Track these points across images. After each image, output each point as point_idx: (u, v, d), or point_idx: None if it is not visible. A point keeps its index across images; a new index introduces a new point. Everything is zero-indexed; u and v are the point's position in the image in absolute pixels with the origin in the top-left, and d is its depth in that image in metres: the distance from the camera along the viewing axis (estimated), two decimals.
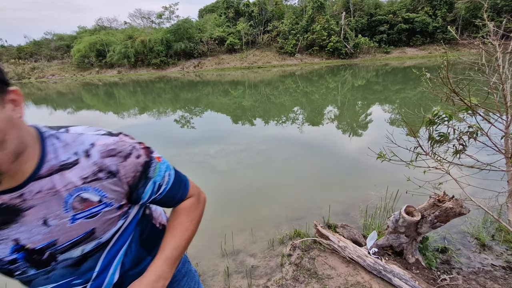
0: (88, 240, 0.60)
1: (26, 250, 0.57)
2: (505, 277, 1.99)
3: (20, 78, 34.41)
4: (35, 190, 0.54)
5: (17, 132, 0.51)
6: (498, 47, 1.83)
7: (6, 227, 0.54)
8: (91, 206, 0.58)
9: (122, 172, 0.60)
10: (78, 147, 0.58)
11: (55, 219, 0.56)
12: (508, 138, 1.81)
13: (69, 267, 0.61)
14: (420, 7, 34.40)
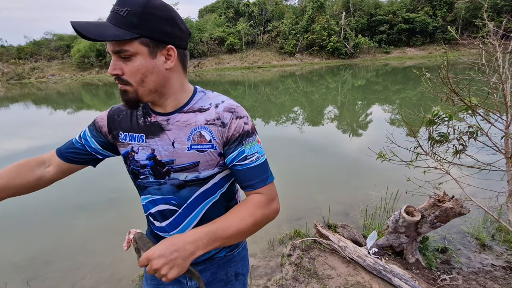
0: (192, 169, 0.77)
1: (155, 160, 0.78)
2: (505, 277, 1.99)
3: (20, 78, 34.41)
4: (176, 119, 0.76)
5: (158, 77, 0.70)
6: (498, 47, 1.83)
7: (152, 138, 0.77)
8: (204, 142, 0.76)
9: (229, 126, 0.75)
10: (215, 100, 0.79)
11: (179, 143, 0.76)
12: (508, 138, 1.81)
13: (174, 186, 0.79)
14: (420, 7, 34.40)
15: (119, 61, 0.67)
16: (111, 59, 0.68)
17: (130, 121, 0.80)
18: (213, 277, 0.91)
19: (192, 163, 0.76)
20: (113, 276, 2.39)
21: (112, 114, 0.84)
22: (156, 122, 0.77)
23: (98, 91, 21.13)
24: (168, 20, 0.67)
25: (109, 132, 0.83)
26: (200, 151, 0.76)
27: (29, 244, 3.03)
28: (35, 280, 2.41)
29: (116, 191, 4.16)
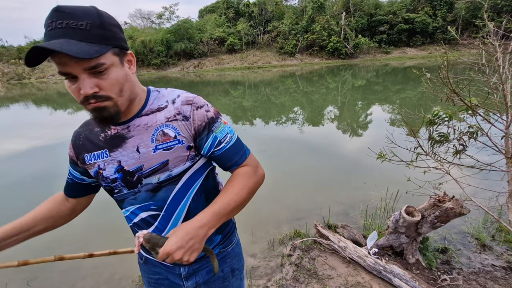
0: (163, 170, 0.76)
1: (123, 171, 0.77)
2: (506, 278, 1.99)
3: (20, 78, 34.43)
4: (136, 124, 0.75)
5: (130, 84, 0.70)
6: (498, 47, 1.83)
7: (115, 150, 0.76)
8: (168, 140, 0.75)
9: (192, 118, 0.76)
10: (170, 96, 0.79)
11: (144, 147, 0.75)
12: (508, 138, 1.81)
13: (149, 191, 0.78)
14: (420, 7, 34.40)
15: (92, 78, 0.62)
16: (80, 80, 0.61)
17: (91, 141, 0.79)
18: (209, 275, 0.93)
19: (161, 163, 0.76)
20: (113, 276, 2.39)
21: (75, 140, 0.81)
22: (117, 133, 0.76)
23: None
24: (119, 26, 0.68)
25: (77, 158, 0.82)
26: (167, 149, 0.75)
27: (29, 244, 3.02)
28: (35, 280, 2.41)
29: None
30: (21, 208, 3.86)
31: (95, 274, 2.45)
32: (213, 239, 0.90)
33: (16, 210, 3.85)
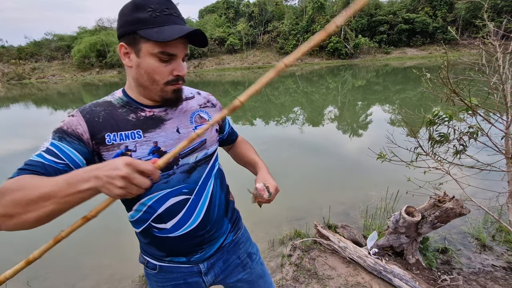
0: (201, 148, 0.83)
1: (159, 152, 0.76)
2: (506, 278, 1.99)
3: (20, 78, 34.45)
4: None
5: None
6: (498, 48, 1.83)
7: (152, 131, 0.76)
8: (204, 122, 0.85)
9: (218, 105, 0.95)
10: (191, 90, 0.92)
11: (184, 128, 0.80)
12: (508, 139, 1.81)
13: (184, 173, 0.80)
14: (420, 8, 34.41)
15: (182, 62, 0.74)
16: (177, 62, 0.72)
17: (116, 120, 0.73)
18: (226, 264, 0.95)
19: (200, 142, 0.83)
20: (113, 276, 2.39)
21: (91, 118, 0.71)
22: (153, 115, 0.77)
23: (98, 91, 21.14)
24: None
25: (92, 138, 0.70)
26: None
27: (29, 244, 3.03)
28: (35, 280, 2.41)
29: None
30: None
31: (95, 274, 2.45)
32: (223, 228, 0.92)
33: None
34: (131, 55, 0.71)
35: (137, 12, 0.66)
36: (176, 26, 0.68)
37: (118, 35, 0.72)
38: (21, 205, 0.57)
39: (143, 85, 0.73)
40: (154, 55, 0.68)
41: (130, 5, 0.67)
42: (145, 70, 0.70)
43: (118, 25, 0.71)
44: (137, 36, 0.67)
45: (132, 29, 0.67)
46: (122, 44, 0.70)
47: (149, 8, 0.66)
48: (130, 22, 0.67)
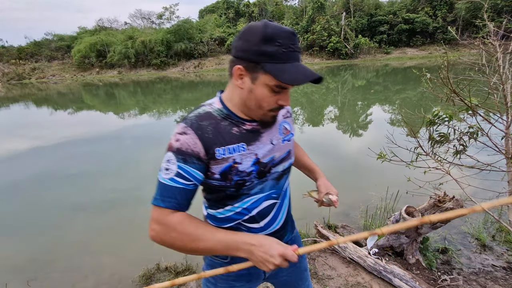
0: (287, 158, 0.89)
1: (259, 163, 0.81)
2: (506, 278, 1.99)
3: (20, 78, 34.44)
4: None
5: None
6: (499, 48, 1.83)
7: (253, 143, 0.80)
8: (288, 133, 0.91)
9: (292, 115, 0.99)
10: None
11: (275, 140, 0.85)
12: (508, 139, 1.81)
13: (274, 180, 0.86)
14: (420, 8, 34.39)
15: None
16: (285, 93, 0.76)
17: (222, 134, 0.76)
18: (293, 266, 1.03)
19: (287, 152, 0.89)
20: (113, 277, 2.39)
21: (202, 134, 0.73)
22: (253, 128, 0.80)
23: (98, 91, 21.15)
24: None
25: (206, 154, 0.74)
26: (288, 141, 0.90)
27: (29, 244, 3.03)
28: (35, 281, 2.41)
29: (116, 191, 4.17)
30: (20, 208, 3.84)
31: (95, 274, 2.45)
32: (289, 226, 0.99)
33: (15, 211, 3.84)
34: (245, 79, 0.72)
35: (265, 45, 0.67)
36: (300, 67, 0.71)
37: (237, 55, 0.72)
38: (183, 247, 0.73)
39: (248, 107, 0.76)
40: (269, 86, 0.71)
41: (259, 35, 0.67)
42: (256, 96, 0.73)
43: (240, 47, 0.71)
44: (259, 67, 0.69)
45: (256, 60, 0.69)
46: (239, 67, 0.71)
47: (277, 42, 0.67)
48: (256, 53, 0.68)
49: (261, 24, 0.68)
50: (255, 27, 0.69)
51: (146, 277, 2.28)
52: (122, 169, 5.15)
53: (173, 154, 0.72)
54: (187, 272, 2.30)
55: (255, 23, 0.70)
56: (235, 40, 0.73)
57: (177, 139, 0.72)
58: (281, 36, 0.67)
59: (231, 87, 0.78)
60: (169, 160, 0.72)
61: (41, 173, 5.12)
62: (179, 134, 0.73)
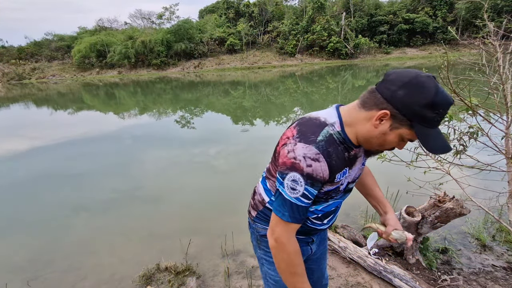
0: (358, 177, 0.98)
1: (350, 183, 0.93)
2: (506, 278, 1.99)
3: (20, 78, 34.45)
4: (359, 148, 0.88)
5: None
6: (499, 48, 1.83)
7: (353, 167, 0.88)
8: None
9: None
10: None
11: (361, 163, 0.92)
12: (508, 139, 1.81)
13: (346, 192, 0.96)
14: (420, 8, 34.38)
15: None
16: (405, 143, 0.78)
17: (340, 160, 0.81)
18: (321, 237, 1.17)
19: (359, 174, 0.97)
20: (114, 277, 2.39)
21: (330, 161, 0.78)
22: (355, 153, 0.86)
23: (98, 92, 21.15)
24: None
25: (328, 179, 0.81)
26: (364, 164, 0.98)
27: (29, 244, 3.03)
28: (35, 281, 2.41)
29: (116, 191, 4.17)
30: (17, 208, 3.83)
31: (95, 274, 2.45)
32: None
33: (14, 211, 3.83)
34: (385, 123, 0.72)
35: (427, 110, 0.67)
36: (440, 136, 0.71)
37: (392, 102, 0.70)
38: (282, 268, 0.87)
39: (370, 143, 0.79)
40: (402, 137, 0.73)
41: (427, 99, 0.66)
42: (385, 139, 0.75)
43: (400, 98, 0.68)
44: (408, 123, 0.70)
45: (410, 118, 0.69)
46: (386, 112, 0.70)
47: (438, 111, 0.67)
48: (414, 112, 0.68)
49: (433, 87, 0.66)
50: (427, 89, 0.66)
51: (146, 277, 2.28)
52: (122, 169, 5.15)
53: (301, 177, 0.76)
54: (187, 272, 2.30)
55: (427, 79, 0.67)
56: (395, 83, 0.70)
57: (309, 164, 0.75)
58: (444, 106, 0.67)
59: (358, 117, 0.77)
60: (296, 181, 0.77)
61: (41, 173, 5.12)
62: (312, 160, 0.75)
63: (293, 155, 0.76)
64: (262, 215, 1.04)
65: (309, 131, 0.79)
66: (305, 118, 0.86)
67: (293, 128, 0.84)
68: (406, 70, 0.71)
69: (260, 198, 1.06)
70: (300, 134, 0.79)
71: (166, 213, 3.48)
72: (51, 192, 4.34)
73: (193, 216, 3.36)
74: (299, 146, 0.76)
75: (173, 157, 5.61)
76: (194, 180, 4.43)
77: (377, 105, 0.72)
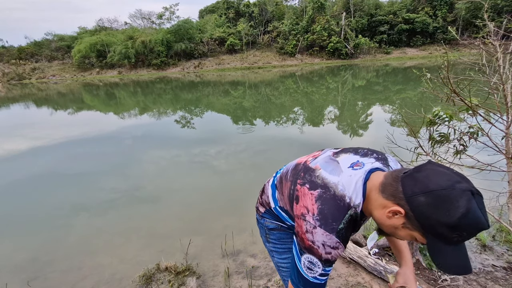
0: None
1: None
2: (506, 278, 1.99)
3: (20, 78, 34.45)
4: None
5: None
6: (499, 48, 1.83)
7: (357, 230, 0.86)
8: None
9: None
10: None
11: None
12: (508, 139, 1.81)
13: None
14: (421, 8, 34.39)
15: None
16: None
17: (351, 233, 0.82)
18: None
19: None
20: (114, 277, 2.39)
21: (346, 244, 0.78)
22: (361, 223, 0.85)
23: (98, 92, 21.15)
24: None
25: None
26: None
27: (29, 244, 3.03)
28: (35, 281, 2.41)
29: (116, 191, 4.17)
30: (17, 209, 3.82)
31: (95, 274, 2.45)
32: None
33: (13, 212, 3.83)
34: (398, 218, 0.66)
35: (444, 228, 0.58)
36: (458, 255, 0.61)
37: (408, 200, 0.62)
38: None
39: (381, 227, 0.76)
40: (413, 237, 0.67)
41: (453, 220, 0.56)
42: (395, 233, 0.71)
43: (422, 209, 0.60)
44: (420, 229, 0.62)
45: (426, 230, 0.61)
46: (400, 211, 0.63)
47: (461, 233, 0.58)
48: (430, 225, 0.60)
49: (464, 208, 0.55)
50: (454, 208, 0.56)
51: (146, 277, 2.28)
52: (123, 169, 5.15)
53: (319, 262, 0.75)
54: (187, 272, 2.30)
55: (460, 196, 0.56)
56: (421, 185, 0.60)
57: (329, 252, 0.73)
58: (470, 231, 0.57)
59: (376, 201, 0.72)
60: (314, 264, 0.76)
61: (41, 173, 5.12)
62: (331, 248, 0.73)
63: (311, 238, 0.73)
64: (270, 211, 1.07)
65: (331, 215, 0.73)
66: (329, 188, 0.76)
67: (314, 199, 0.76)
68: (443, 173, 0.60)
69: (267, 200, 1.08)
70: (321, 216, 0.73)
71: (166, 213, 3.48)
72: (51, 192, 4.34)
73: (193, 216, 3.36)
74: (319, 231, 0.72)
75: (173, 157, 5.61)
76: (194, 180, 4.43)
77: (394, 198, 0.65)
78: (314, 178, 0.80)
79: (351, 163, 0.81)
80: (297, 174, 0.88)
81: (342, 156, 0.85)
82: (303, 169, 0.87)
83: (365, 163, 0.80)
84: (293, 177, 0.89)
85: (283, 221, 1.06)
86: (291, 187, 0.88)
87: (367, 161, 0.81)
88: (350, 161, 0.81)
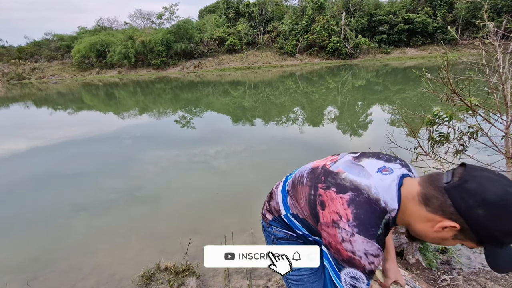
0: None
1: None
2: (506, 278, 1.99)
3: (20, 78, 34.43)
4: None
5: None
6: (498, 48, 1.83)
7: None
8: None
9: None
10: None
11: None
12: (508, 139, 1.81)
13: None
14: (420, 8, 34.40)
15: None
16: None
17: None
18: None
19: None
20: (113, 277, 2.39)
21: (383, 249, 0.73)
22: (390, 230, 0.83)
23: (98, 91, 21.14)
24: None
25: None
26: None
27: (29, 244, 3.03)
28: (35, 281, 2.41)
29: (116, 191, 4.16)
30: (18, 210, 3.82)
31: (95, 274, 2.45)
32: None
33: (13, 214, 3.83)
34: (448, 231, 0.62)
35: (506, 236, 0.57)
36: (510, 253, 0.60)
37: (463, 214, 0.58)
38: None
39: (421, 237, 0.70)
40: (461, 243, 0.64)
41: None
42: (441, 243, 0.67)
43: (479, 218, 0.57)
44: (476, 240, 0.60)
45: (482, 239, 0.59)
46: (456, 227, 0.60)
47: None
48: (491, 236, 0.58)
49: None
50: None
51: (146, 277, 2.28)
52: (122, 169, 5.15)
53: (363, 275, 0.68)
54: (187, 272, 2.30)
55: None
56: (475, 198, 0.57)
57: (372, 261, 0.67)
58: None
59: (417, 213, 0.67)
60: (357, 279, 0.69)
61: (41, 173, 5.12)
62: (374, 257, 0.67)
63: (351, 248, 0.66)
64: (279, 219, 0.98)
65: (369, 220, 0.67)
66: (361, 191, 0.70)
67: (345, 203, 0.70)
68: (491, 180, 0.58)
69: (276, 207, 0.99)
70: (358, 222, 0.67)
71: (166, 213, 3.47)
72: (51, 191, 4.34)
73: (193, 216, 3.35)
74: (358, 240, 0.66)
75: (173, 157, 5.60)
76: (194, 179, 4.43)
77: (445, 213, 0.61)
78: (340, 181, 0.73)
79: (378, 167, 0.76)
80: (316, 178, 0.80)
81: (365, 160, 0.80)
82: (323, 172, 0.80)
83: (393, 168, 0.75)
84: (312, 181, 0.81)
85: (293, 229, 0.97)
86: (310, 192, 0.80)
87: (394, 166, 0.77)
88: (376, 166, 0.76)
